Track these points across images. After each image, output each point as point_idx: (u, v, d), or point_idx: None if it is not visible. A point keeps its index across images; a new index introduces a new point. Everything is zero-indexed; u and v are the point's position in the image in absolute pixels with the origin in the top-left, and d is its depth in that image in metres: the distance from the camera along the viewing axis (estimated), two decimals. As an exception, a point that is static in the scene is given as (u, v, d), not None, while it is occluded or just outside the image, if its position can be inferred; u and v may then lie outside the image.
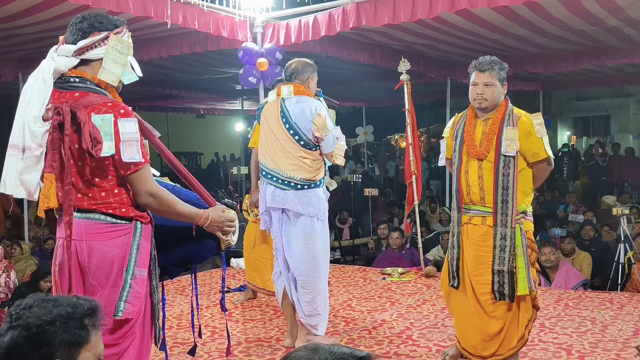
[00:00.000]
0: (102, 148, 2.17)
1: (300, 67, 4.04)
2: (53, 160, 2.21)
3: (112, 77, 2.34)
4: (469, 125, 3.52)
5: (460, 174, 3.52)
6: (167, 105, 15.63)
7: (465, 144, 3.49)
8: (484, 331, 3.50)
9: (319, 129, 3.83)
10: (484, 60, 3.47)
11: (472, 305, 3.54)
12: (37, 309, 1.53)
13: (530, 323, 3.52)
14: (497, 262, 3.40)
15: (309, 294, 3.97)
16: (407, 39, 7.72)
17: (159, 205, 2.32)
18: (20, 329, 1.49)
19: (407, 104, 6.44)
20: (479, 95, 3.43)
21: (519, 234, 3.40)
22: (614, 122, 17.96)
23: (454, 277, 3.59)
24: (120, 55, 2.34)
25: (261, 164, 4.05)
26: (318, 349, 1.21)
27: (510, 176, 3.37)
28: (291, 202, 3.89)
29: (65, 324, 1.53)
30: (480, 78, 3.43)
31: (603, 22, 6.87)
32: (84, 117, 2.17)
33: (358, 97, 15.40)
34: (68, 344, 1.52)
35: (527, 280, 3.40)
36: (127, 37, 2.40)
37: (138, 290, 2.30)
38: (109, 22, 2.36)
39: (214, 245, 2.58)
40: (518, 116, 3.43)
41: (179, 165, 2.49)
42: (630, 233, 6.89)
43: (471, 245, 3.51)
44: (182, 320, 4.86)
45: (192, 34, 7.04)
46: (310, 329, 4.03)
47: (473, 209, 3.51)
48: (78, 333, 1.55)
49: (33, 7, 5.77)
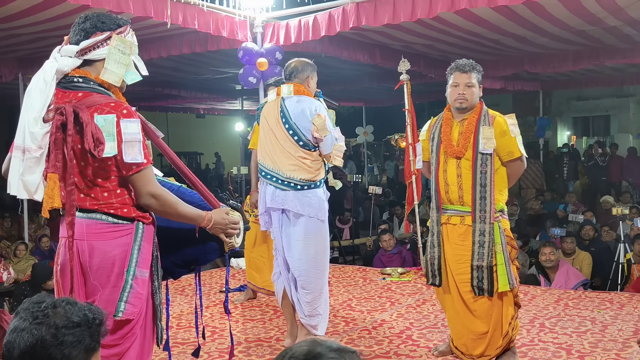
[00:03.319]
0: (105, 149, 2.17)
1: (300, 66, 4.03)
2: (56, 160, 2.21)
3: (115, 77, 2.33)
4: (446, 125, 3.63)
5: (439, 173, 3.62)
6: (167, 105, 15.63)
7: (443, 143, 3.60)
8: (471, 329, 3.58)
9: (318, 130, 3.82)
10: (465, 62, 3.59)
11: (457, 304, 3.62)
12: (62, 309, 1.56)
13: (514, 321, 3.59)
14: (476, 258, 3.49)
15: (309, 295, 3.97)
16: (407, 39, 7.72)
17: (161, 206, 2.31)
18: (47, 327, 1.52)
19: (407, 104, 6.44)
20: (460, 95, 3.55)
21: (497, 231, 3.50)
22: (614, 122, 17.94)
23: (434, 275, 3.69)
24: (122, 55, 2.33)
25: (260, 165, 4.04)
26: (316, 343, 1.27)
27: (488, 174, 3.48)
28: (291, 202, 3.88)
29: (89, 329, 1.57)
30: (462, 79, 3.55)
31: (603, 22, 6.87)
32: (87, 117, 2.17)
33: (358, 97, 15.40)
34: (86, 348, 1.56)
35: (508, 276, 3.48)
36: (130, 37, 2.40)
37: (139, 290, 2.30)
38: (111, 22, 2.36)
39: (217, 247, 2.57)
40: (493, 116, 3.57)
41: (183, 167, 2.47)
42: (629, 233, 6.91)
43: (451, 245, 3.60)
44: (182, 320, 4.86)
45: (192, 34, 7.04)
46: (310, 329, 4.02)
47: (451, 208, 3.61)
48: (97, 339, 1.60)
49: (33, 7, 5.78)
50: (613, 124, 17.99)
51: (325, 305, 4.08)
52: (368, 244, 8.72)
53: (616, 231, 7.41)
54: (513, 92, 13.85)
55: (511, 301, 3.57)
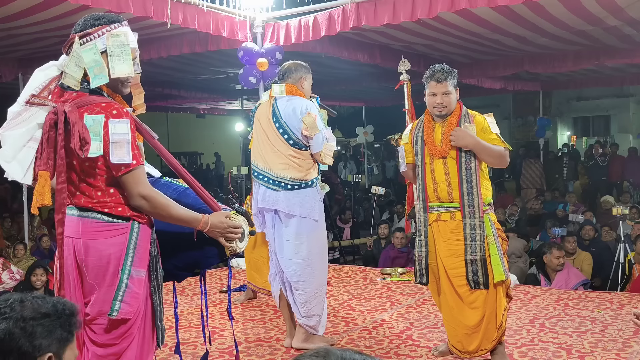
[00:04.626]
0: (90, 149, 2.17)
1: (293, 67, 4.05)
2: (48, 158, 2.21)
3: (72, 80, 2.27)
4: (428, 128, 3.73)
5: (426, 174, 3.69)
6: (167, 105, 15.61)
7: (427, 146, 3.69)
8: (464, 324, 3.62)
9: (308, 128, 3.83)
10: (440, 70, 3.67)
11: (450, 300, 3.66)
12: (30, 303, 1.57)
13: (506, 312, 3.66)
14: (470, 252, 3.56)
15: (302, 295, 3.94)
16: (407, 39, 7.72)
17: (152, 208, 2.28)
18: (14, 321, 1.52)
19: (407, 104, 6.44)
20: (439, 105, 3.65)
21: (488, 223, 3.59)
22: (614, 122, 17.95)
23: (421, 274, 3.75)
24: (79, 57, 2.28)
25: (253, 165, 4.05)
26: (329, 354, 1.19)
27: (473, 169, 3.58)
28: (282, 203, 3.88)
29: (59, 319, 1.58)
30: (439, 88, 3.65)
31: (603, 22, 6.87)
32: (75, 117, 2.18)
33: (358, 97, 15.39)
34: (59, 340, 1.57)
35: (502, 266, 3.55)
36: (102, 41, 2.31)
37: (135, 290, 2.28)
38: (86, 23, 2.33)
39: (216, 252, 2.52)
40: (473, 115, 3.69)
41: (180, 168, 2.45)
42: (629, 233, 6.91)
43: (444, 241, 3.65)
44: (182, 320, 4.86)
45: (192, 34, 7.04)
46: (308, 330, 4.01)
47: (440, 206, 3.68)
48: (69, 330, 1.60)
49: (33, 7, 5.77)
50: (613, 124, 17.99)
51: (323, 306, 4.05)
52: (368, 244, 8.72)
53: (616, 231, 7.41)
54: (513, 92, 13.84)
55: (504, 292, 3.64)
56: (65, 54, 2.35)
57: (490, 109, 3.80)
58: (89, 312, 2.28)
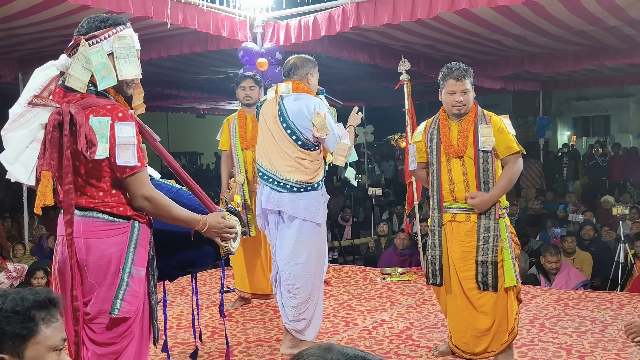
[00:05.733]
0: (97, 151, 2.18)
1: (299, 62, 3.94)
2: (51, 158, 2.22)
3: (78, 83, 2.28)
4: (444, 126, 3.67)
5: (442, 173, 3.64)
6: (167, 105, 15.60)
7: (443, 144, 3.63)
8: (474, 327, 3.59)
9: (318, 130, 3.73)
10: (458, 68, 3.62)
11: (460, 302, 3.63)
12: None
13: (517, 315, 3.63)
14: (481, 253, 3.52)
15: (295, 299, 3.84)
16: (407, 39, 7.72)
17: (155, 209, 2.31)
18: None
19: (407, 104, 6.44)
20: (458, 103, 3.59)
21: (503, 227, 3.54)
22: (614, 122, 17.96)
23: (434, 275, 3.69)
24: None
25: (258, 165, 3.98)
26: (331, 349, 1.21)
27: (490, 171, 3.54)
28: (286, 204, 3.80)
29: (7, 318, 1.54)
30: (458, 86, 3.59)
31: (603, 22, 6.87)
32: (81, 119, 2.19)
33: (358, 97, 15.38)
34: (12, 337, 1.54)
35: (514, 272, 3.52)
36: (108, 43, 2.32)
37: (135, 289, 2.30)
38: (89, 26, 2.33)
39: (212, 251, 2.56)
40: (489, 116, 3.65)
41: (179, 170, 2.48)
42: (629, 232, 6.91)
43: (457, 242, 3.60)
44: (182, 320, 4.86)
45: (192, 34, 7.04)
46: (295, 335, 3.90)
47: (456, 206, 3.63)
48: (23, 326, 1.56)
49: (33, 7, 5.77)
50: (613, 124, 18.01)
51: (317, 312, 3.96)
52: (370, 245, 8.73)
53: (616, 231, 7.41)
54: (513, 92, 13.83)
55: (515, 296, 3.61)
56: (67, 56, 2.34)
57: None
58: (90, 312, 2.29)
